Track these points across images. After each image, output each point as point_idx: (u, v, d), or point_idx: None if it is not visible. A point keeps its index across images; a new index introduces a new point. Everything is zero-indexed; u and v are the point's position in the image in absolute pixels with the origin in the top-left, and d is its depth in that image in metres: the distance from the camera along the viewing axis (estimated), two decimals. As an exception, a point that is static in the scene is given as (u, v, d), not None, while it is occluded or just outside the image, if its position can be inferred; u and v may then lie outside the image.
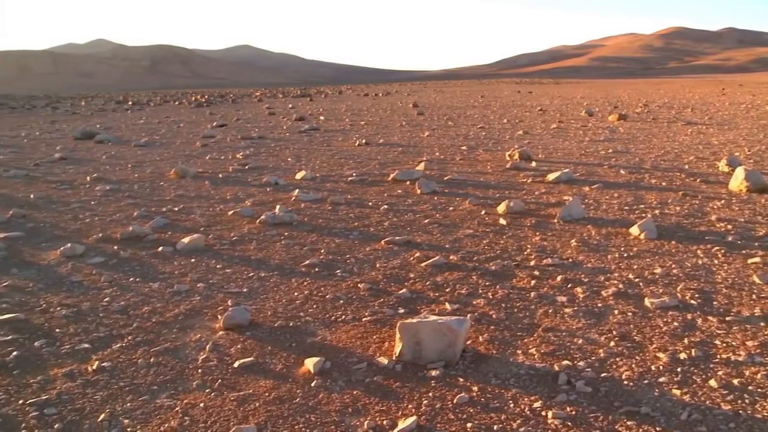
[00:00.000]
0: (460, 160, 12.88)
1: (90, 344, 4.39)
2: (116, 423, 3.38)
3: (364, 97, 53.85)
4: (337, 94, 67.19)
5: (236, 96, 64.64)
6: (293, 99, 54.77)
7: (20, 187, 11.01)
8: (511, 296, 5.03)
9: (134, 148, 17.11)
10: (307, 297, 5.17)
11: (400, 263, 6.00)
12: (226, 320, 4.59)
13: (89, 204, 9.34)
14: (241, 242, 6.94)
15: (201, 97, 62.93)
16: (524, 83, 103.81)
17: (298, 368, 3.93)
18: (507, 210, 7.84)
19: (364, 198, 9.16)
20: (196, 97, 63.46)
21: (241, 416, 3.40)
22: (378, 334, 4.40)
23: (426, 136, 17.96)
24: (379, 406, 3.44)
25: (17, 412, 3.52)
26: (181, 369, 3.99)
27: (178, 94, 79.05)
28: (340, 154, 14.34)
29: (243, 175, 11.65)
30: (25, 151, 16.85)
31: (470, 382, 3.65)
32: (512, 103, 35.75)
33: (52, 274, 6.04)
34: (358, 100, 47.50)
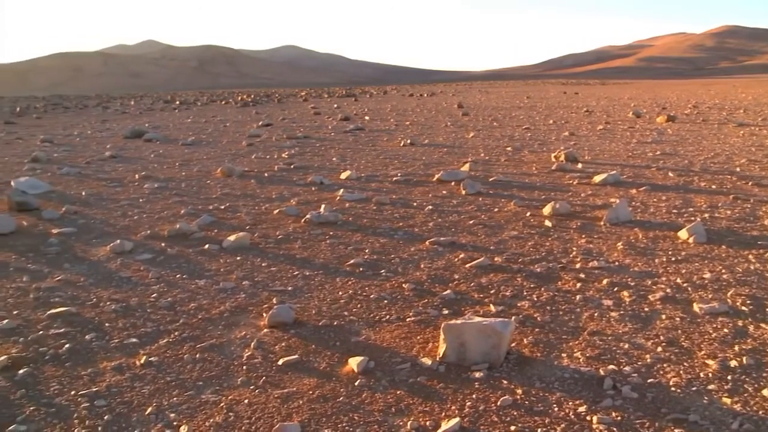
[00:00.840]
0: (505, 161, 12.80)
1: (138, 339, 4.47)
2: (163, 417, 3.43)
3: (408, 98, 53.87)
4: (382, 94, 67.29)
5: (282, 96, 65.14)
6: (338, 99, 55.02)
7: (73, 185, 11.26)
8: (556, 299, 4.99)
9: (181, 146, 17.36)
10: (352, 296, 5.19)
11: (444, 264, 5.99)
12: (271, 318, 4.63)
13: (138, 201, 9.51)
14: (286, 241, 7.00)
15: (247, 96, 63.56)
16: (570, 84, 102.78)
17: (341, 367, 3.95)
18: (552, 212, 7.78)
19: (408, 198, 9.16)
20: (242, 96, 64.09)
21: (285, 413, 3.43)
22: (422, 334, 4.40)
23: (471, 136, 17.90)
24: (423, 407, 3.44)
25: (70, 403, 3.60)
26: (226, 365, 4.04)
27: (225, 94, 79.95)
28: (385, 154, 14.36)
29: (288, 175, 11.75)
30: (77, 150, 17.22)
31: (514, 385, 3.63)
32: (558, 104, 35.43)
33: (102, 269, 6.16)
34: (403, 101, 47.52)
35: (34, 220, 8.27)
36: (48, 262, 6.41)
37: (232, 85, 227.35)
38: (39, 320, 4.84)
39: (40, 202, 9.29)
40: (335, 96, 63.72)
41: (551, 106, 33.20)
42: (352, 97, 57.54)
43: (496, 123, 22.66)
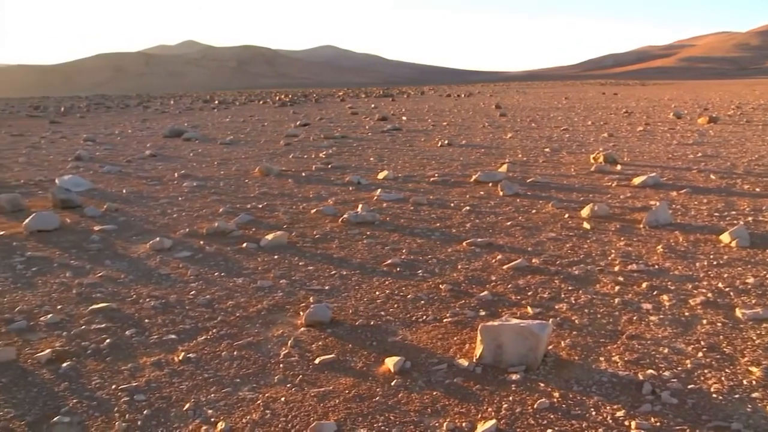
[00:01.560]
0: (543, 162, 12.71)
1: (176, 335, 4.53)
2: (200, 413, 3.47)
3: (446, 98, 53.76)
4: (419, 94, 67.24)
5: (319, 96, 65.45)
6: (375, 99, 55.11)
7: (114, 183, 11.44)
8: (595, 302, 4.94)
9: (220, 146, 17.53)
10: (389, 296, 5.20)
11: (481, 265, 5.97)
12: (308, 317, 4.66)
13: (177, 200, 9.63)
14: (324, 240, 7.03)
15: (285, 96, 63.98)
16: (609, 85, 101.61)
17: (378, 367, 3.96)
18: (591, 214, 7.71)
19: (446, 199, 9.15)
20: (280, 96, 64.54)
21: (321, 412, 3.45)
22: (458, 335, 4.39)
23: (509, 137, 17.80)
24: (459, 408, 3.44)
25: (110, 396, 3.67)
26: (263, 363, 4.07)
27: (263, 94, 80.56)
28: (423, 155, 14.36)
29: (326, 174, 11.80)
30: (118, 149, 17.49)
31: (551, 388, 3.60)
32: (597, 105, 35.06)
33: (142, 266, 6.25)
34: (440, 101, 47.43)
35: (77, 218, 8.42)
36: (90, 259, 6.52)
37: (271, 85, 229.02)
38: (81, 315, 4.93)
39: (82, 200, 9.46)
40: (372, 96, 63.81)
41: (590, 107, 32.87)
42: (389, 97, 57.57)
43: (534, 124, 22.51)
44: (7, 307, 5.12)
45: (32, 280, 5.83)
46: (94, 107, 48.42)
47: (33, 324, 4.78)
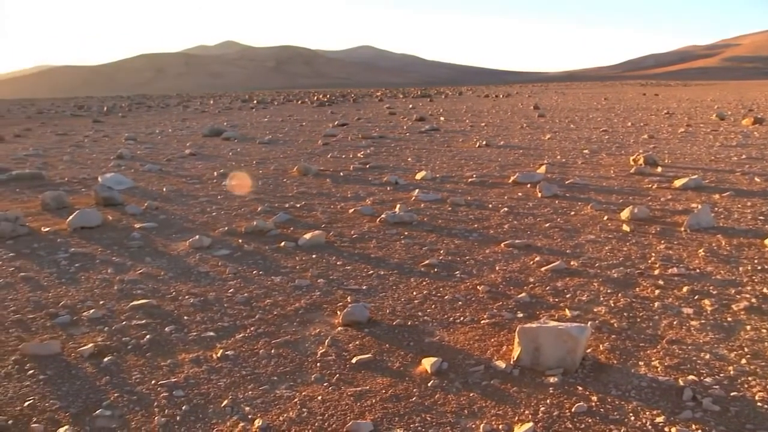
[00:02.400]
0: (582, 163, 12.60)
1: (215, 332, 4.58)
2: (238, 410, 3.50)
3: (484, 99, 53.55)
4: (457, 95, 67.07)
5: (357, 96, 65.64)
6: (413, 99, 55.11)
7: (154, 181, 11.60)
8: (634, 305, 4.88)
9: (258, 145, 17.68)
10: (426, 297, 5.20)
11: (519, 267, 5.93)
12: (345, 316, 4.68)
13: (216, 198, 9.73)
14: (361, 240, 7.05)
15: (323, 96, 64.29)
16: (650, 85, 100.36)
17: (415, 367, 3.95)
18: (631, 216, 7.61)
19: (484, 200, 9.11)
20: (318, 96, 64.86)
21: (358, 412, 3.45)
22: (496, 337, 4.37)
23: (547, 138, 17.67)
24: (496, 410, 3.42)
25: (150, 392, 3.72)
26: (300, 362, 4.09)
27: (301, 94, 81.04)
28: (461, 155, 14.32)
29: (363, 174, 11.83)
30: (159, 147, 17.73)
31: (589, 392, 3.57)
32: (637, 106, 34.63)
33: (181, 263, 6.33)
34: (478, 102, 47.26)
35: (119, 215, 8.55)
36: (131, 256, 6.62)
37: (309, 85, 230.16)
38: (122, 311, 5.01)
39: (124, 198, 9.60)
40: (410, 96, 63.82)
41: (630, 108, 32.48)
42: (427, 98, 57.53)
43: (573, 125, 22.31)
44: (51, 302, 5.23)
45: (75, 276, 5.94)
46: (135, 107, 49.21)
47: (76, 318, 4.87)
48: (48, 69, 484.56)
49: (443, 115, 29.76)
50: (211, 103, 53.99)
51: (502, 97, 55.38)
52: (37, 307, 5.13)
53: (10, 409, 3.54)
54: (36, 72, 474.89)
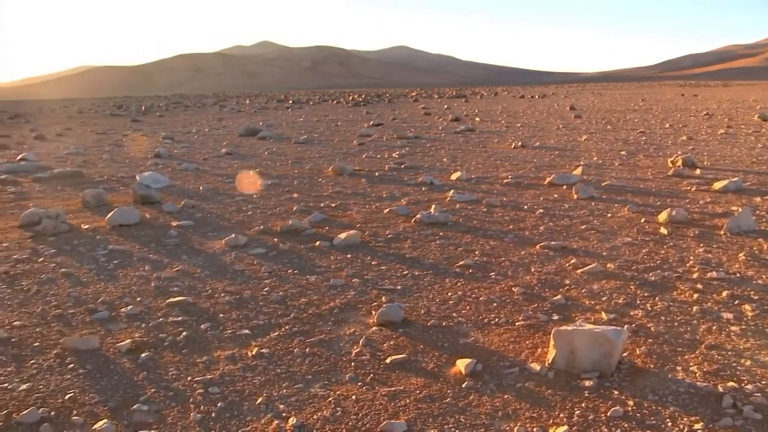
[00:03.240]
0: (618, 165, 12.46)
1: (250, 330, 4.61)
2: (272, 407, 3.52)
3: (519, 99, 53.25)
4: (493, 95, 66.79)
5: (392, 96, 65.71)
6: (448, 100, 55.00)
7: (191, 180, 11.72)
8: (672, 309, 4.81)
9: (294, 144, 17.78)
10: (461, 298, 5.18)
11: (555, 269, 5.89)
12: (380, 316, 4.68)
13: (252, 197, 9.80)
14: (396, 240, 7.05)
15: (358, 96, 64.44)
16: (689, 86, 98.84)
17: (449, 368, 3.94)
18: (668, 219, 7.51)
19: (519, 201, 9.06)
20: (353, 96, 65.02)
21: (392, 411, 3.45)
22: (531, 339, 4.34)
23: (583, 139, 17.52)
24: (530, 413, 3.40)
25: (186, 388, 3.76)
26: (334, 361, 4.10)
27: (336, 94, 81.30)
28: (496, 156, 14.26)
29: (399, 174, 11.83)
30: (195, 147, 17.92)
31: (625, 396, 3.52)
32: (675, 107, 34.14)
33: (217, 261, 6.38)
34: (514, 102, 47.01)
35: (156, 213, 8.66)
36: (167, 253, 6.70)
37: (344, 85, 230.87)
38: (159, 308, 5.07)
39: (161, 196, 9.72)
40: (445, 97, 63.70)
41: (668, 109, 32.03)
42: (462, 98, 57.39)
43: (610, 126, 22.08)
44: (91, 298, 5.31)
45: (114, 273, 6.03)
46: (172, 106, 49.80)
47: (114, 315, 4.94)
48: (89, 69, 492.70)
49: (478, 116, 29.66)
50: (247, 103, 54.42)
51: (538, 98, 55.01)
52: (77, 302, 5.22)
53: (52, 401, 3.62)
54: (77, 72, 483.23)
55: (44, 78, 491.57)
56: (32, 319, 4.87)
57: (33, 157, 14.79)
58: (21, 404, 3.58)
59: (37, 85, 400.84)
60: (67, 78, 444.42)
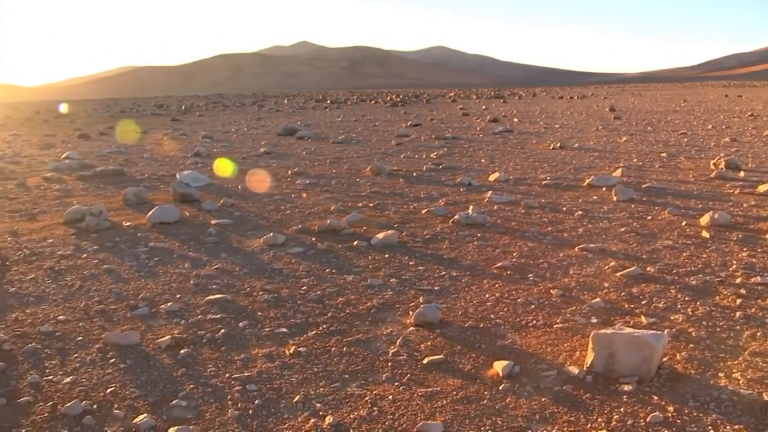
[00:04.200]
0: (659, 167, 12.29)
1: (288, 329, 4.63)
2: (309, 406, 3.54)
3: (558, 100, 52.81)
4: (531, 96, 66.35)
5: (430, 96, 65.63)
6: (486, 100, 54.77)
7: (230, 179, 11.82)
8: (714, 314, 4.73)
9: (332, 144, 17.85)
10: (498, 299, 5.16)
11: (593, 271, 5.83)
12: (418, 317, 4.68)
13: (290, 197, 9.86)
14: (434, 240, 7.04)
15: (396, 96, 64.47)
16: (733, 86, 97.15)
17: (486, 370, 3.93)
18: (711, 222, 7.39)
19: (558, 202, 8.99)
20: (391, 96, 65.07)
21: (428, 412, 3.45)
22: (569, 342, 4.31)
23: (623, 141, 17.31)
24: (568, 416, 3.37)
25: (224, 385, 3.80)
26: (371, 361, 4.11)
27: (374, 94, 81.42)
28: (534, 157, 14.16)
29: (436, 175, 11.81)
30: (234, 146, 18.09)
31: (665, 402, 3.47)
32: (718, 108, 33.57)
33: (255, 260, 6.43)
34: (552, 103, 46.65)
35: (195, 211, 8.76)
36: (207, 251, 6.77)
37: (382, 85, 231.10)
38: (198, 305, 5.12)
39: (200, 194, 9.83)
40: (483, 97, 63.45)
41: (710, 110, 31.51)
42: (500, 99, 57.12)
43: (650, 127, 21.78)
44: (132, 294, 5.40)
45: (154, 270, 6.11)
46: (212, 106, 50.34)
47: (154, 311, 5.01)
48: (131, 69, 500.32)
49: (517, 117, 29.49)
50: (286, 103, 54.76)
51: (577, 99, 54.49)
52: (118, 298, 5.31)
53: (94, 394, 3.69)
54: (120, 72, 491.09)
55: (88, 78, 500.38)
56: (75, 314, 4.96)
57: (77, 155, 15.06)
58: (65, 396, 3.67)
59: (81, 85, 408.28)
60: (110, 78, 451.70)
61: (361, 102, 55.06)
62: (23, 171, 13.17)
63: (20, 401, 3.63)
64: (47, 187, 11.10)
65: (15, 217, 8.50)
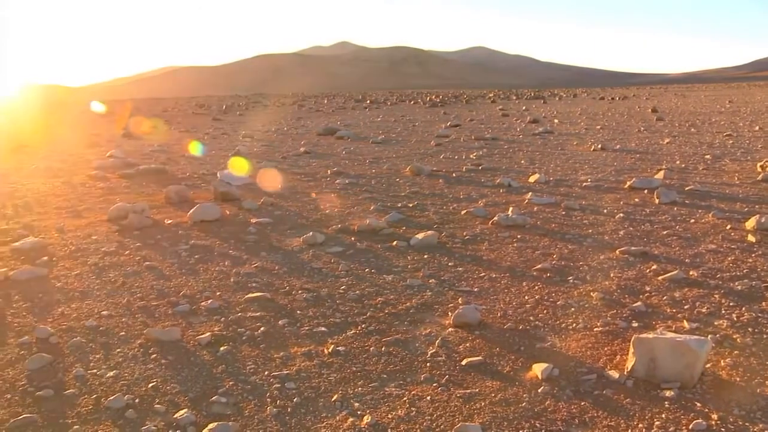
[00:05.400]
0: (703, 169, 12.08)
1: (326, 328, 4.65)
2: (347, 405, 3.55)
3: (599, 101, 52.22)
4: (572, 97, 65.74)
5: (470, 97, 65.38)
6: (526, 101, 54.39)
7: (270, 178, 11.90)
8: (760, 320, 4.62)
9: (371, 144, 17.88)
10: (538, 301, 5.12)
11: (635, 275, 5.75)
12: (457, 318, 4.67)
13: (329, 196, 9.89)
14: (473, 242, 7.01)
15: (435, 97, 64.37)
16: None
17: (525, 372, 3.90)
18: (757, 226, 7.24)
19: (598, 205, 8.88)
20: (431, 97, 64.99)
21: (467, 414, 3.44)
22: (609, 346, 4.26)
23: (666, 142, 17.05)
24: (608, 421, 3.33)
25: (263, 382, 3.83)
26: (410, 361, 4.11)
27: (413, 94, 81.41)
28: (575, 159, 14.03)
29: (476, 176, 11.76)
30: (274, 145, 18.21)
31: (709, 409, 3.41)
32: (766, 109, 32.84)
33: (295, 259, 6.47)
34: (593, 104, 46.16)
35: (236, 210, 8.83)
36: (247, 249, 6.82)
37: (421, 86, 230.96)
38: (238, 303, 5.17)
39: (241, 193, 9.90)
40: (523, 98, 63.03)
41: (758, 111, 30.85)
42: (540, 100, 56.69)
43: (694, 129, 21.42)
44: (173, 291, 5.47)
45: (195, 267, 6.18)
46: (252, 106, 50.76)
47: (195, 308, 5.06)
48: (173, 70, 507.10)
49: (557, 118, 29.23)
50: (325, 103, 55.00)
51: (618, 100, 53.80)
52: (160, 294, 5.38)
53: (136, 389, 3.75)
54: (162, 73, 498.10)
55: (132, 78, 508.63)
56: (118, 310, 5.04)
57: (120, 154, 15.29)
58: (108, 390, 3.74)
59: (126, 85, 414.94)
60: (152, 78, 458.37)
61: (400, 102, 55.07)
62: (69, 169, 13.42)
63: (66, 393, 3.72)
64: (92, 184, 11.30)
65: (61, 214, 8.66)
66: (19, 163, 14.43)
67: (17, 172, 12.95)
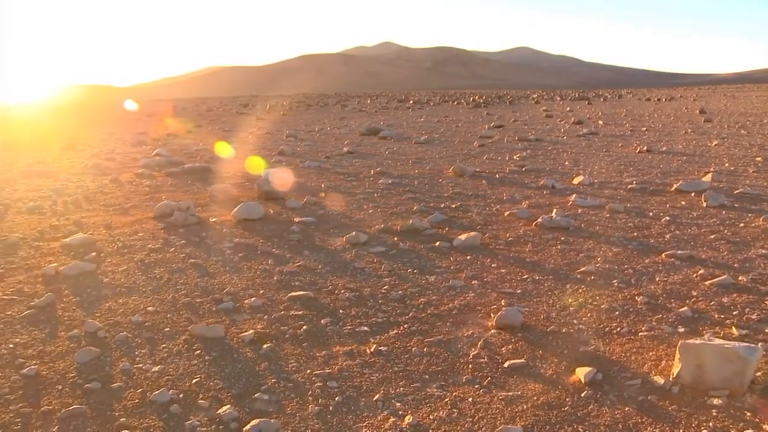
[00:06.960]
0: (753, 172, 11.83)
1: (369, 327, 4.67)
2: (389, 405, 3.56)
3: (645, 102, 51.49)
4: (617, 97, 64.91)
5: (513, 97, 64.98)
6: (570, 102, 53.85)
7: (313, 177, 11.97)
8: (813, 328, 4.52)
9: (415, 144, 17.87)
10: (582, 304, 5.06)
11: (681, 279, 5.65)
12: (499, 320, 4.64)
13: (372, 196, 9.91)
14: (517, 243, 6.97)
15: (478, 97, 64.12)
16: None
17: (568, 376, 3.86)
18: (809, 231, 7.07)
19: (644, 207, 8.76)
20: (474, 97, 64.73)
21: (509, 416, 3.42)
22: (654, 351, 4.19)
23: (714, 145, 16.74)
24: (652, 428, 3.28)
25: (305, 380, 3.86)
26: (452, 362, 4.10)
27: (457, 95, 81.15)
28: (620, 160, 13.84)
29: (519, 177, 11.68)
30: (318, 145, 18.30)
31: (760, 419, 3.32)
32: (819, 112, 32.06)
33: (338, 258, 6.49)
34: (639, 105, 45.53)
35: (279, 209, 8.89)
36: (290, 248, 6.87)
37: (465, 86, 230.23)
38: (281, 301, 5.21)
39: (284, 192, 9.97)
40: (567, 99, 62.42)
41: (811, 115, 30.13)
42: (585, 100, 56.08)
43: (744, 130, 20.98)
44: (217, 288, 5.53)
45: (238, 265, 6.24)
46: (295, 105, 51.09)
47: (238, 306, 5.11)
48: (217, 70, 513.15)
49: (602, 119, 28.90)
50: (368, 103, 55.14)
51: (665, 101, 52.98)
52: (204, 292, 5.45)
53: (181, 384, 3.81)
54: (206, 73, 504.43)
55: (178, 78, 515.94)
56: (164, 306, 5.12)
57: (166, 152, 15.51)
58: (153, 384, 3.80)
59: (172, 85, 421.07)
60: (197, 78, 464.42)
61: (443, 102, 54.97)
62: (117, 167, 13.65)
63: (113, 386, 3.79)
64: (138, 182, 11.48)
65: (109, 211, 8.82)
66: (69, 161, 14.75)
67: (67, 170, 13.23)
